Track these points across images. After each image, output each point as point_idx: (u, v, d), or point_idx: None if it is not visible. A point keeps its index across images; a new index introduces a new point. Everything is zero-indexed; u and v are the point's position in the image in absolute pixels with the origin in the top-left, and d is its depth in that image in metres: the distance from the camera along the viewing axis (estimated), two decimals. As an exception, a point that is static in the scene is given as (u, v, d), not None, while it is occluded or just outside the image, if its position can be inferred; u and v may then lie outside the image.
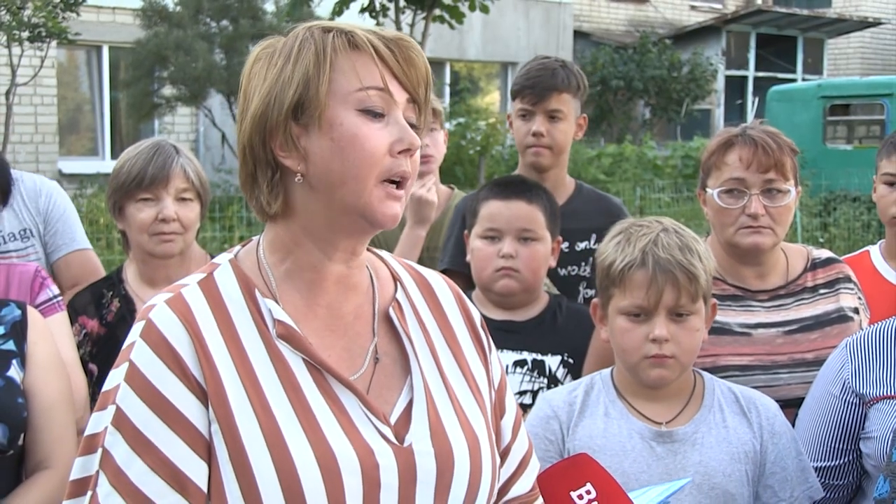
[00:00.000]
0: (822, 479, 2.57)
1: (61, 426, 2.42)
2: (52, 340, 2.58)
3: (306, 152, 1.64)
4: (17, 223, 3.54)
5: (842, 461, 2.58)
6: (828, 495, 2.60)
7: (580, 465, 1.70)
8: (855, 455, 2.57)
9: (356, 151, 1.62)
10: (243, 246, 1.77)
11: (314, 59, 1.62)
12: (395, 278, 1.83)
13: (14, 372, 2.44)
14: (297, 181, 1.65)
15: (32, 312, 2.57)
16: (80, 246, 3.66)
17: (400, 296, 1.80)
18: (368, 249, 1.83)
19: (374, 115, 1.63)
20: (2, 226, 3.49)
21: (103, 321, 3.10)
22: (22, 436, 2.41)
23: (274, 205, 1.67)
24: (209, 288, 1.68)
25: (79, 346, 2.99)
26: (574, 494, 1.69)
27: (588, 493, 1.69)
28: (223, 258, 1.74)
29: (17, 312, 2.53)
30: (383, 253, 1.87)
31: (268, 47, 1.69)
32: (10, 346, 2.47)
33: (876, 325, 2.66)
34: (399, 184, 1.65)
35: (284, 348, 1.64)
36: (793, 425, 2.65)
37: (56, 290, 3.02)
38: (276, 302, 1.67)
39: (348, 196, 1.63)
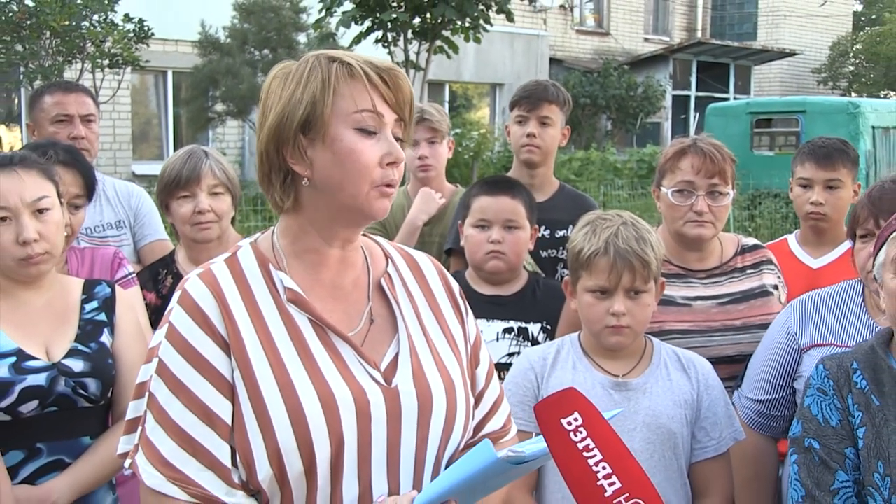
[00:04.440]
0: (766, 411, 2.64)
1: None
2: (135, 313, 2.59)
3: (312, 161, 1.65)
4: (114, 216, 3.60)
5: (780, 396, 2.63)
6: (771, 424, 2.66)
7: (568, 397, 1.71)
8: (790, 392, 2.61)
9: (352, 163, 1.63)
10: (263, 233, 1.79)
11: (320, 86, 1.63)
12: (387, 257, 1.85)
13: (105, 338, 2.46)
14: (304, 184, 1.67)
15: (119, 290, 2.58)
16: (160, 236, 3.70)
17: (390, 270, 1.82)
18: (365, 235, 1.85)
19: (367, 132, 1.64)
20: (102, 217, 3.55)
21: (159, 294, 3.10)
22: (110, 390, 2.44)
23: (287, 201, 1.69)
24: (233, 264, 1.71)
25: None
26: (564, 421, 1.69)
27: (575, 420, 1.69)
28: (245, 242, 1.76)
29: (108, 290, 2.54)
30: (379, 238, 1.89)
31: (284, 69, 1.69)
32: (102, 317, 2.49)
33: (816, 290, 2.70)
34: (389, 185, 1.67)
35: (293, 310, 1.67)
36: (724, 378, 2.68)
37: (131, 269, 3.04)
38: (286, 274, 1.69)
39: (347, 198, 1.65)
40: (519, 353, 2.82)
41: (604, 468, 1.72)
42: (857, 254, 2.55)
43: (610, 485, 1.73)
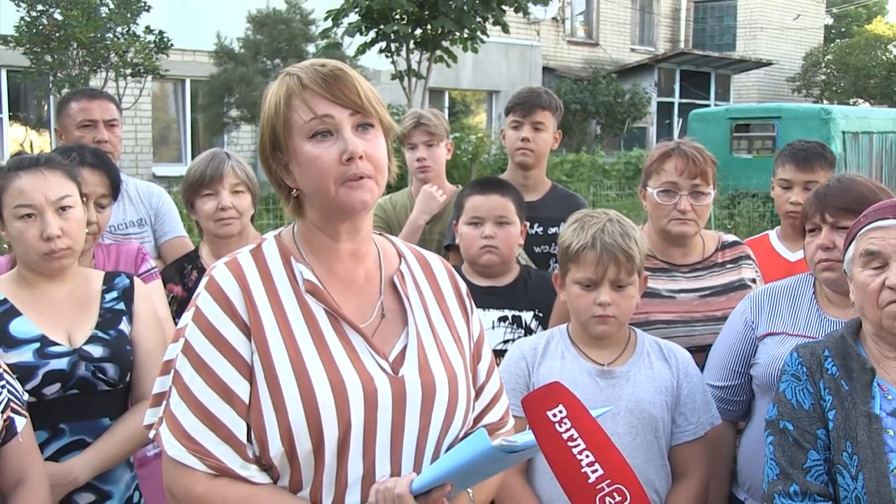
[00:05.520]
0: (726, 396, 2.63)
1: (157, 368, 2.45)
2: (152, 303, 2.59)
3: (293, 174, 1.67)
4: (136, 214, 3.59)
5: (737, 382, 2.63)
6: (731, 409, 2.66)
7: (554, 391, 1.70)
8: (746, 379, 2.62)
9: (313, 169, 1.64)
10: (286, 227, 1.80)
11: (273, 108, 1.66)
12: (400, 255, 1.85)
13: (124, 326, 2.46)
14: (293, 194, 1.70)
15: (137, 281, 2.59)
16: (179, 234, 3.69)
17: (403, 268, 1.82)
18: (382, 234, 1.85)
19: (321, 136, 1.63)
20: (125, 215, 3.55)
21: (185, 287, 3.11)
22: (129, 374, 2.44)
23: (288, 210, 1.73)
24: (257, 255, 1.72)
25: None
26: (549, 413, 1.69)
27: (560, 412, 1.69)
28: (270, 235, 1.78)
29: (127, 281, 2.55)
30: (393, 238, 1.89)
31: (268, 90, 1.71)
32: (122, 306, 2.49)
33: (772, 283, 2.71)
34: (361, 178, 1.64)
35: (310, 300, 1.68)
36: (705, 365, 2.68)
37: (153, 264, 3.06)
38: (306, 266, 1.70)
39: (324, 199, 1.66)
40: (514, 339, 2.81)
41: (587, 456, 1.72)
42: (806, 247, 2.55)
43: (593, 472, 1.73)
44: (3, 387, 2.01)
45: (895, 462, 1.94)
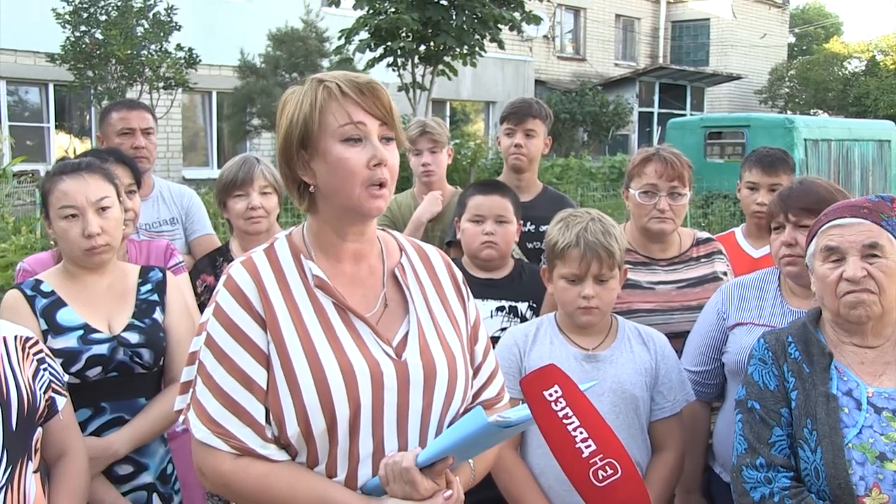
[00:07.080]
0: (700, 380, 2.64)
1: (187, 353, 2.46)
2: (183, 295, 2.60)
3: (315, 171, 1.65)
4: (168, 213, 3.59)
5: (711, 367, 2.64)
6: (705, 391, 2.67)
7: (549, 372, 1.70)
8: (719, 364, 2.62)
9: (342, 170, 1.62)
10: (296, 227, 1.78)
11: (309, 108, 1.63)
12: (401, 249, 1.83)
13: (157, 315, 2.47)
14: (311, 191, 1.68)
15: (169, 274, 2.60)
16: (208, 231, 3.69)
17: (403, 261, 1.81)
18: (385, 230, 1.84)
19: (353, 141, 1.62)
20: (158, 214, 3.55)
21: (217, 277, 3.09)
22: (162, 359, 2.45)
23: (302, 205, 1.70)
24: (270, 253, 1.70)
25: (200, 294, 3.00)
26: (545, 393, 1.68)
27: (556, 391, 1.68)
28: (282, 234, 1.76)
29: (160, 275, 2.56)
30: (395, 233, 1.88)
31: (292, 94, 1.69)
32: (155, 297, 2.50)
33: (742, 277, 2.71)
34: (381, 185, 1.64)
35: (320, 294, 1.66)
36: (682, 350, 2.68)
37: (181, 258, 3.06)
38: (314, 263, 1.68)
39: (344, 200, 1.64)
40: (511, 327, 2.80)
41: (581, 433, 1.71)
42: (772, 243, 2.56)
43: (587, 447, 1.72)
44: (45, 370, 2.02)
45: (850, 437, 1.95)
